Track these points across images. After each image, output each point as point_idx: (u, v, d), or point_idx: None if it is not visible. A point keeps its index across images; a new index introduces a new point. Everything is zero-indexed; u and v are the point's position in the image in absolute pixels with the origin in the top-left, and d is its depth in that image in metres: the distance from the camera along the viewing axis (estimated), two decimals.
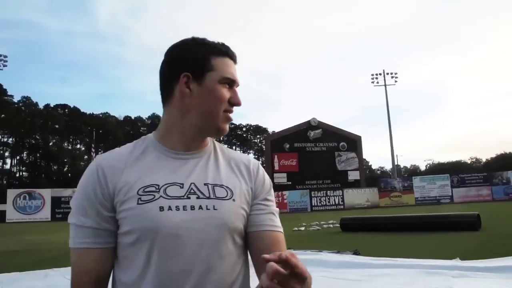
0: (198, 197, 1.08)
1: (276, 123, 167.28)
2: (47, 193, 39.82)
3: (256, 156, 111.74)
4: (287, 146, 42.28)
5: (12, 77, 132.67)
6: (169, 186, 1.07)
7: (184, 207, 1.06)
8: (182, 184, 1.09)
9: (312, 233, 14.99)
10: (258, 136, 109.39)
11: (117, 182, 1.07)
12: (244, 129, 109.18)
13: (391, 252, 7.97)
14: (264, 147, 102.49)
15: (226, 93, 1.13)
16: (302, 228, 16.41)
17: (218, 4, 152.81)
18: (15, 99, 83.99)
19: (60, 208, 38.87)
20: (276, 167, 41.68)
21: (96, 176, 1.08)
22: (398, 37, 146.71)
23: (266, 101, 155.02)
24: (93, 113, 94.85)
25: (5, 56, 46.81)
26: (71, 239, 1.09)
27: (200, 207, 1.07)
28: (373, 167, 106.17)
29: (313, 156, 42.24)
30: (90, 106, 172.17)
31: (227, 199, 1.11)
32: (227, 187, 1.14)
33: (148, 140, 1.18)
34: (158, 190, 1.06)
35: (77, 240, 1.07)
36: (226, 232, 1.09)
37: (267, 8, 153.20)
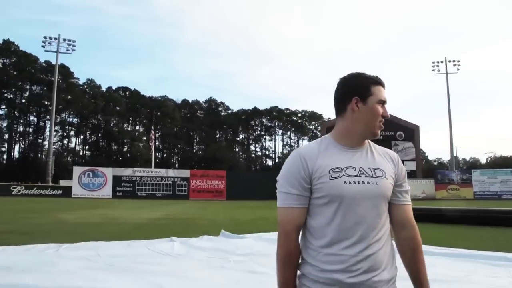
0: (366, 176, 1.70)
1: (331, 109, 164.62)
2: (109, 172, 41.82)
3: None
4: None
5: (78, 60, 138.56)
6: (347, 168, 1.69)
7: (358, 182, 1.67)
8: (355, 167, 1.70)
9: None
10: (313, 122, 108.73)
11: (314, 165, 1.69)
12: (299, 115, 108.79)
13: (450, 243, 8.06)
14: (319, 133, 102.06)
15: (380, 109, 1.75)
16: None
17: None
18: (81, 82, 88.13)
19: (120, 186, 40.82)
20: None
21: (299, 161, 1.71)
22: (461, 22, 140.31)
23: (322, 87, 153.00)
24: (152, 96, 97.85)
25: (74, 41, 49.26)
26: (280, 201, 1.71)
27: (368, 182, 1.68)
28: (430, 158, 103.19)
29: None
30: (149, 88, 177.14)
31: (383, 178, 1.72)
32: (382, 169, 1.74)
33: (328, 139, 1.80)
34: (341, 171, 1.68)
35: (286, 202, 1.69)
36: (382, 199, 1.71)
37: None
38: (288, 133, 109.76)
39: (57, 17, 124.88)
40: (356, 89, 1.74)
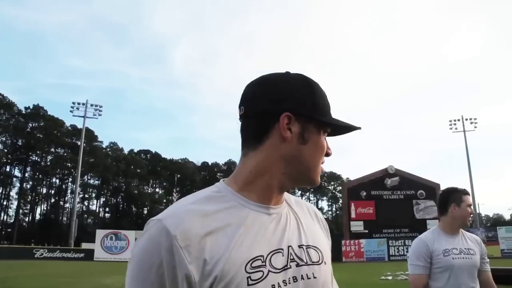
0: (464, 254, 2.75)
1: (350, 170, 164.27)
2: (131, 235, 41.84)
3: (330, 203, 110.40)
4: (364, 193, 41.94)
5: (101, 123, 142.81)
6: (453, 249, 2.83)
7: (460, 258, 2.74)
8: (457, 248, 2.84)
9: (401, 283, 14.71)
10: (332, 183, 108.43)
11: (432, 247, 2.75)
12: None
13: None
14: (338, 194, 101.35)
15: (469, 210, 2.87)
16: (390, 278, 16.43)
17: (287, 49, 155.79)
18: (104, 145, 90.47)
19: None
20: (353, 215, 41.29)
21: (423, 244, 2.81)
22: (476, 79, 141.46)
23: (340, 147, 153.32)
24: (172, 159, 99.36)
25: (100, 106, 51.13)
26: (412, 270, 2.73)
27: (466, 258, 2.75)
28: None
29: (390, 204, 41.45)
30: (169, 151, 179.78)
31: (475, 255, 2.80)
32: (473, 249, 2.82)
33: (437, 230, 2.91)
34: (450, 251, 2.78)
35: (416, 271, 2.71)
36: (475, 268, 2.74)
37: (336, 51, 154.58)
38: (307, 194, 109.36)
39: (79, 82, 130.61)
40: (453, 198, 2.80)
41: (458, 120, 55.16)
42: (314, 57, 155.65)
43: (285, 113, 1.01)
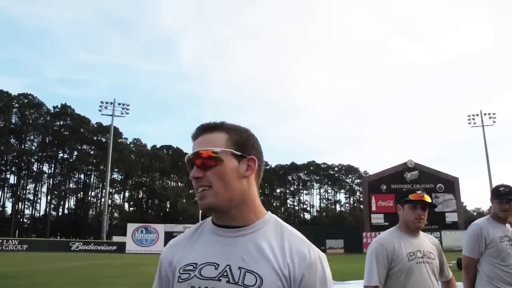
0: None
1: (366, 162, 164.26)
2: (160, 228, 43.88)
3: (347, 196, 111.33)
4: (384, 187, 43.36)
5: (126, 120, 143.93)
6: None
7: None
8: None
9: None
10: (350, 175, 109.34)
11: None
12: (336, 168, 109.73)
13: None
14: (356, 187, 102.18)
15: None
16: None
17: (295, 41, 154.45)
18: (128, 141, 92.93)
19: None
20: (373, 208, 42.79)
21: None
22: (494, 72, 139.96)
23: (352, 139, 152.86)
24: None
25: (127, 105, 52.92)
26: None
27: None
28: (468, 208, 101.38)
29: None
30: (187, 145, 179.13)
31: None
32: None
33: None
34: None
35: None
36: None
37: (347, 42, 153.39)
38: (325, 186, 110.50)
39: (90, 77, 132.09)
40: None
41: (477, 115, 55.33)
42: (322, 48, 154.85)
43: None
